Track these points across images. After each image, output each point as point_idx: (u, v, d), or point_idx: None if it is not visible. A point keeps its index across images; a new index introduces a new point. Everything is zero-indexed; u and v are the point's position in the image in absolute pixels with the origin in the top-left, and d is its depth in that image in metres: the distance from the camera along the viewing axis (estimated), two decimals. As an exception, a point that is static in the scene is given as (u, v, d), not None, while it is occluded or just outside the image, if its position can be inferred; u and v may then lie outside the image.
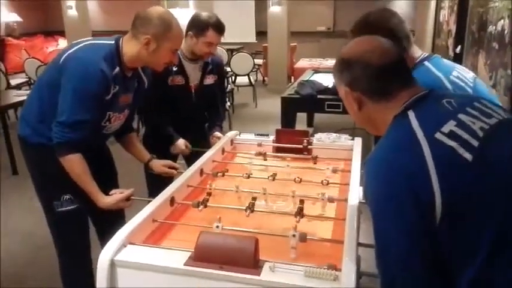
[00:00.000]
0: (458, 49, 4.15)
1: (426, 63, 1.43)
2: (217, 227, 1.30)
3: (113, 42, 1.67)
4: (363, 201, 1.60)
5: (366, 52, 1.02)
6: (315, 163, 1.85)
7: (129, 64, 1.70)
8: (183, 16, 4.26)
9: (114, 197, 1.66)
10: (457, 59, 4.06)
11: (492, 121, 0.91)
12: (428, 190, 0.81)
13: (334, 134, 2.25)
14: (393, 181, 0.85)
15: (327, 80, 4.15)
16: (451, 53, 4.47)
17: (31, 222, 3.19)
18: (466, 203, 0.81)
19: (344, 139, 2.23)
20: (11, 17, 8.90)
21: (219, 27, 2.17)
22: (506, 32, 2.70)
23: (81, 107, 1.58)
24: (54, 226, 1.82)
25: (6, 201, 3.56)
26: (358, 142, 2.12)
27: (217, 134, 2.38)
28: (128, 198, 1.69)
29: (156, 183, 1.89)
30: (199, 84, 2.33)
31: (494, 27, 2.90)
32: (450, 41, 4.91)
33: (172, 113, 2.28)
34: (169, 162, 1.98)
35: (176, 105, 2.28)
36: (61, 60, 1.62)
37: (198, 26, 2.17)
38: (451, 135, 0.86)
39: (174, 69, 2.22)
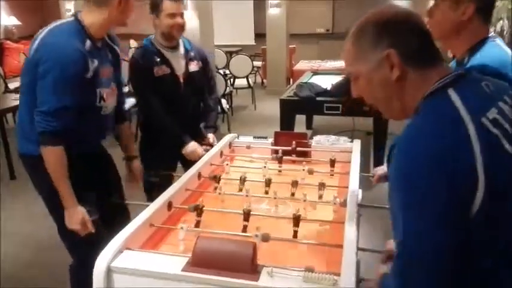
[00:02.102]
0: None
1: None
2: (182, 228, 1.30)
3: (73, 19, 1.66)
4: (362, 203, 1.60)
5: (408, 14, 0.93)
6: (313, 172, 1.84)
7: (97, 35, 1.68)
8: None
9: (84, 217, 1.63)
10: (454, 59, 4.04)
11: None
12: (472, 178, 0.75)
13: (333, 137, 2.25)
14: (439, 168, 0.76)
15: (326, 82, 4.15)
16: (449, 55, 4.45)
17: (30, 227, 3.18)
18: (506, 196, 0.78)
19: (343, 141, 2.22)
20: (10, 20, 8.89)
21: None
22: (505, 32, 2.69)
23: (63, 92, 1.55)
24: (70, 238, 1.73)
25: (4, 205, 3.54)
26: (357, 144, 2.11)
27: (213, 136, 2.38)
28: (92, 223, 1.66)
29: (154, 187, 1.88)
30: (186, 72, 2.31)
31: (493, 28, 2.90)
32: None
33: (167, 110, 2.25)
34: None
35: (168, 99, 2.25)
36: (31, 55, 1.60)
37: (153, 4, 2.20)
38: (495, 123, 0.81)
39: (157, 59, 2.22)
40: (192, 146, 2.24)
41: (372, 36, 0.92)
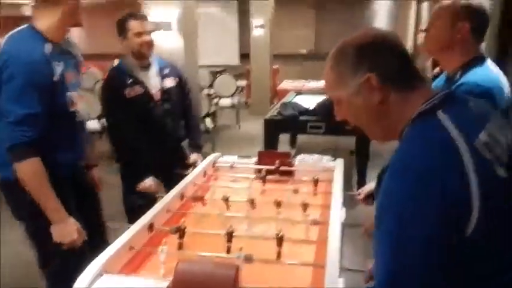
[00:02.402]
0: (436, 70, 4.24)
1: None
2: (163, 250, 1.28)
3: (27, 25, 1.62)
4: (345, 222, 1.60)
5: (386, 36, 0.92)
6: (296, 191, 1.84)
7: (55, 38, 1.64)
8: (167, 39, 4.29)
9: (78, 227, 1.59)
10: (437, 77, 4.13)
11: (510, 134, 0.87)
12: (466, 202, 0.74)
13: (316, 155, 2.26)
14: (428, 188, 0.74)
15: (310, 102, 4.19)
16: (435, 71, 4.54)
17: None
18: (500, 221, 0.77)
19: (326, 160, 2.23)
20: None
21: (136, 15, 2.19)
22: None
23: (30, 98, 1.49)
24: (53, 267, 1.67)
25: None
26: (339, 163, 2.12)
27: (195, 155, 2.36)
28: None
29: (135, 208, 1.85)
30: (162, 89, 2.29)
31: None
32: (428, 63, 5.03)
33: (142, 131, 2.22)
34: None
35: (144, 120, 2.23)
36: None
37: (119, 26, 2.21)
38: (487, 146, 0.79)
39: (129, 81, 2.20)
40: (147, 182, 2.18)
41: (350, 60, 0.91)
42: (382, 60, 0.89)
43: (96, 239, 1.73)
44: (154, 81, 2.28)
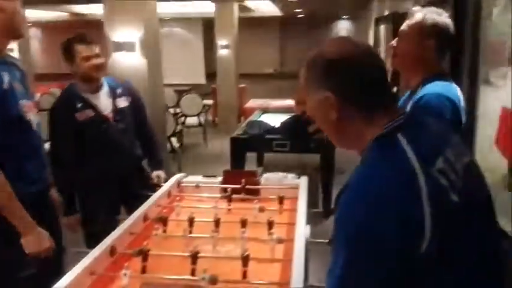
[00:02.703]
0: (394, 90, 4.42)
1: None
2: (125, 274, 1.25)
3: None
4: (311, 240, 1.61)
5: (359, 54, 0.89)
6: (262, 211, 1.84)
7: None
8: (129, 60, 4.26)
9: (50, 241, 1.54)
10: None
11: (466, 159, 0.88)
12: (420, 228, 0.75)
13: (281, 174, 2.28)
14: (383, 213, 0.75)
15: (275, 120, 4.25)
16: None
17: None
18: (453, 246, 0.79)
19: (291, 178, 2.26)
20: None
21: (81, 39, 2.12)
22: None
23: None
24: None
25: None
26: (304, 180, 2.15)
27: (157, 172, 2.33)
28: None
29: (95, 232, 1.79)
30: (115, 110, 2.24)
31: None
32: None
33: (94, 155, 2.18)
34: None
35: (99, 142, 2.18)
36: None
37: (65, 51, 2.15)
38: (443, 172, 0.80)
39: (79, 105, 2.15)
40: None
41: (319, 73, 0.91)
42: (346, 81, 0.88)
43: (53, 264, 1.66)
44: (106, 103, 2.23)
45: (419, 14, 1.52)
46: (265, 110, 5.66)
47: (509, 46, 1.79)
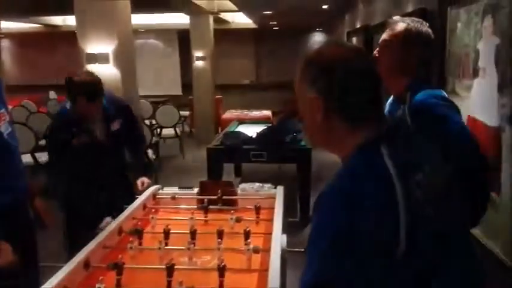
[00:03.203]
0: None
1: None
2: None
3: None
4: (288, 249, 1.63)
5: (353, 64, 0.90)
6: (239, 221, 1.85)
7: None
8: (103, 71, 4.22)
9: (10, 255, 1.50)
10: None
11: (445, 176, 0.91)
12: (395, 238, 0.77)
13: (257, 184, 2.29)
14: (361, 219, 0.77)
15: (252, 131, 4.27)
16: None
17: None
18: (426, 259, 0.81)
19: (268, 188, 2.27)
20: None
21: (87, 94, 2.11)
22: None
23: None
24: None
25: None
26: (280, 190, 2.17)
27: (142, 179, 2.34)
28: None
29: (77, 246, 1.74)
30: (108, 134, 2.29)
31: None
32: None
33: (87, 173, 2.21)
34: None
35: (91, 163, 2.21)
36: None
37: (68, 92, 2.17)
38: (419, 185, 0.83)
39: (74, 130, 2.20)
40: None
41: (310, 75, 0.91)
42: (334, 90, 0.88)
43: (26, 280, 1.61)
44: (100, 127, 2.28)
45: (402, 23, 1.53)
46: (242, 121, 5.69)
47: (473, 59, 1.87)
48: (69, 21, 10.01)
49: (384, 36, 1.58)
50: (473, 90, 1.87)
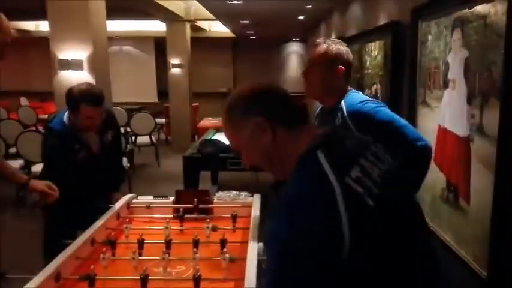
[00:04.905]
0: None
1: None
2: None
3: None
4: (264, 258, 1.62)
5: (266, 85, 1.05)
6: (215, 230, 1.84)
7: None
8: (76, 78, 4.15)
9: None
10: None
11: (384, 167, 0.96)
12: (338, 234, 0.81)
13: (234, 192, 2.28)
14: (303, 229, 0.81)
15: (228, 139, 4.26)
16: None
17: None
18: (371, 250, 0.84)
19: (244, 196, 2.27)
20: None
21: (90, 100, 2.12)
22: (378, 94, 3.09)
23: None
24: None
25: None
26: (256, 198, 2.17)
27: (117, 195, 2.32)
28: None
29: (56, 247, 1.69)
30: (101, 146, 2.31)
31: (369, 91, 3.31)
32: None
33: (78, 182, 2.18)
34: (49, 184, 1.89)
35: (83, 174, 2.20)
36: None
37: (70, 103, 2.15)
38: (358, 181, 0.87)
39: (77, 146, 2.21)
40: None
41: (240, 109, 1.01)
42: (268, 104, 1.00)
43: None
44: (94, 139, 2.29)
45: (323, 44, 1.70)
46: (219, 129, 5.67)
47: (443, 70, 1.94)
48: (41, 26, 9.80)
49: (308, 57, 1.77)
50: (444, 101, 1.93)
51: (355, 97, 1.70)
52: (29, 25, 10.16)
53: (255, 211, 1.99)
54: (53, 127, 2.26)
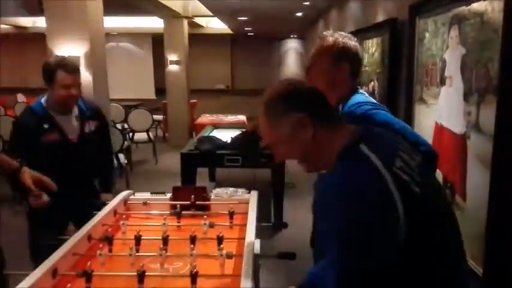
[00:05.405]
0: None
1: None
2: None
3: None
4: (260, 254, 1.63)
5: (303, 83, 1.12)
6: (212, 226, 1.84)
7: None
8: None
9: None
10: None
11: (418, 158, 1.02)
12: (396, 221, 0.86)
13: (231, 188, 2.28)
14: (364, 209, 0.87)
15: (226, 136, 4.26)
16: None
17: None
18: (423, 233, 0.90)
19: (241, 193, 2.27)
20: None
21: (66, 67, 2.12)
22: (376, 92, 3.10)
23: None
24: None
25: None
26: (254, 195, 2.17)
27: (106, 196, 2.30)
28: None
29: (44, 253, 1.69)
30: (81, 134, 2.26)
31: (366, 88, 3.32)
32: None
33: (53, 172, 2.08)
34: (40, 177, 1.73)
35: (58, 163, 2.13)
36: None
37: (46, 74, 2.13)
38: (402, 170, 0.93)
39: (45, 126, 2.13)
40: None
41: (281, 105, 1.06)
42: (307, 102, 1.05)
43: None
44: (73, 127, 2.24)
45: (330, 38, 1.60)
46: (217, 126, 5.67)
47: (441, 67, 1.94)
48: (38, 23, 9.75)
49: (313, 50, 1.65)
50: (440, 98, 1.94)
51: (354, 99, 1.61)
52: (26, 21, 10.11)
53: (252, 208, 2.00)
54: (29, 106, 2.25)
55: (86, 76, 4.15)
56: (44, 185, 1.74)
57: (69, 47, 4.11)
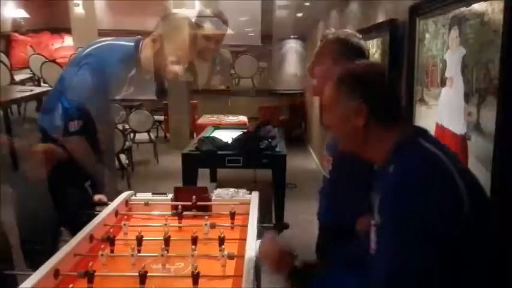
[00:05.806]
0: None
1: None
2: None
3: None
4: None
5: (380, 71, 1.15)
6: (213, 227, 1.84)
7: None
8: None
9: None
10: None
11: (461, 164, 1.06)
12: (461, 205, 0.90)
13: (232, 189, 2.29)
14: (433, 197, 0.90)
15: (227, 136, 4.27)
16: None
17: None
18: (484, 218, 0.95)
19: (242, 193, 2.27)
20: (18, 13, 8.63)
21: None
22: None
23: None
24: None
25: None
26: (255, 196, 2.18)
27: (99, 196, 2.25)
28: None
29: (34, 258, 1.69)
30: (63, 133, 2.24)
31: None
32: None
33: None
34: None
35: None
36: None
37: None
38: (458, 160, 0.98)
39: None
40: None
41: (350, 87, 1.08)
42: (374, 95, 1.07)
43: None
44: (57, 126, 2.23)
45: (332, 36, 1.59)
46: (218, 126, 5.67)
47: (441, 68, 1.94)
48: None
49: (318, 49, 1.64)
50: (441, 99, 1.94)
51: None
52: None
53: (253, 208, 2.00)
54: None
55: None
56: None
57: (72, 49, 4.11)
